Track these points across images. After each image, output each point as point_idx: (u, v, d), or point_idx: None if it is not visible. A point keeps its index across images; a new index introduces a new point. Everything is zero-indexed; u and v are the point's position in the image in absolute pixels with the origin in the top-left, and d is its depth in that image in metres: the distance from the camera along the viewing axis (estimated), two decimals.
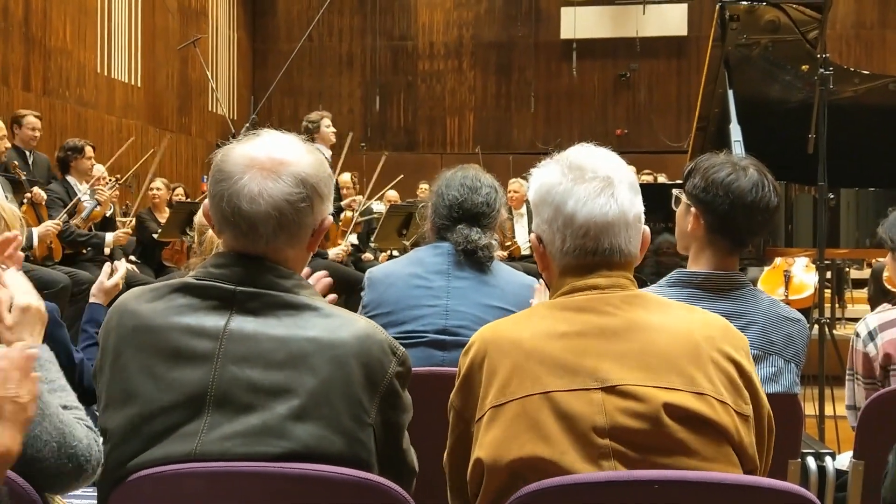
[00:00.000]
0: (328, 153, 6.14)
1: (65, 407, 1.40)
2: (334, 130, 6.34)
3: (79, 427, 1.38)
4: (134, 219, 6.59)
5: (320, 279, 1.86)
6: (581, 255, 1.41)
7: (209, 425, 1.32)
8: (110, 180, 6.18)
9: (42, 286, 4.83)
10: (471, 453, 1.39)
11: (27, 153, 6.13)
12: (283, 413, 1.32)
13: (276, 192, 1.38)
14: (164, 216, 6.85)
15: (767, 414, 1.43)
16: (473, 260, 2.46)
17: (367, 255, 7.28)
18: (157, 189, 7.11)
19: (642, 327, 1.37)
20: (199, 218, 2.58)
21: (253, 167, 1.39)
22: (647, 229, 1.49)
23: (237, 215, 1.38)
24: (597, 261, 1.41)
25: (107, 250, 5.76)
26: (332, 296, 1.79)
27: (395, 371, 1.41)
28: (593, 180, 1.41)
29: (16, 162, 5.70)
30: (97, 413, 1.45)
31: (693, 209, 2.03)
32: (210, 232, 2.40)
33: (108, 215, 6.01)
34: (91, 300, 2.58)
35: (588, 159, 1.45)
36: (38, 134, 6.16)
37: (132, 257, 6.55)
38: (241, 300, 1.38)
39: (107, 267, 2.59)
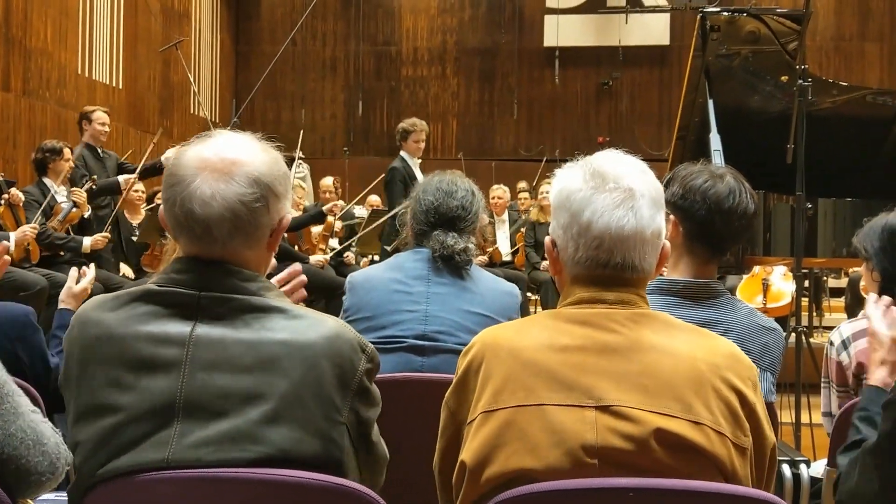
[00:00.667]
0: (415, 163, 6.15)
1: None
2: (421, 146, 6.29)
3: (44, 425, 1.38)
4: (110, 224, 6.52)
5: (292, 274, 1.81)
6: (592, 267, 1.38)
7: (180, 433, 1.30)
8: (87, 182, 6.11)
9: (19, 288, 4.79)
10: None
11: (98, 149, 6.19)
12: (256, 417, 1.30)
13: (230, 193, 1.35)
14: (138, 218, 6.77)
15: (771, 446, 1.39)
16: (451, 265, 2.46)
17: (349, 257, 7.27)
18: (135, 191, 7.01)
19: (645, 348, 1.34)
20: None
21: (205, 169, 1.36)
22: (668, 244, 1.46)
23: (190, 219, 1.35)
24: (607, 274, 1.38)
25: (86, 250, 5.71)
26: (301, 293, 1.76)
27: (365, 368, 1.41)
28: (614, 191, 1.37)
29: (95, 176, 5.84)
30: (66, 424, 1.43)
31: (672, 217, 2.05)
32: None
33: (86, 216, 5.96)
34: (60, 306, 2.56)
35: (613, 168, 1.41)
36: (107, 129, 6.25)
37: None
38: (206, 306, 1.36)
39: (73, 272, 2.56)
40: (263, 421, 1.31)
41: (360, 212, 8.50)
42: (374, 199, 9.44)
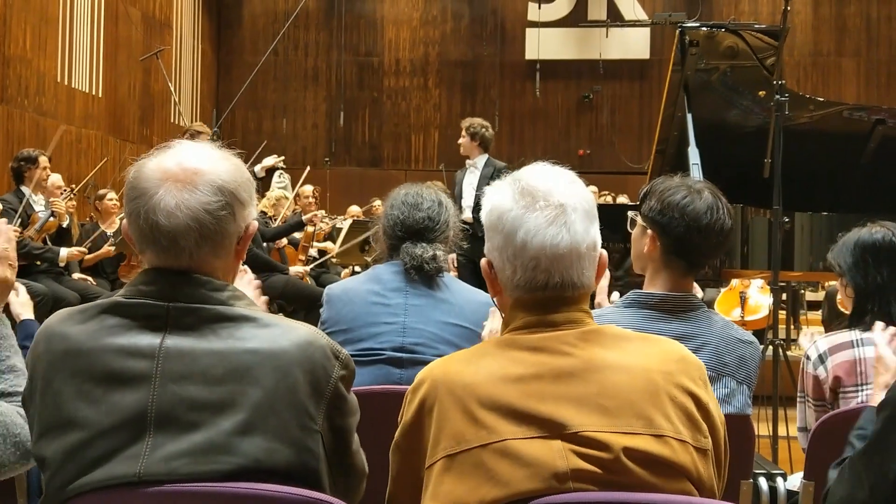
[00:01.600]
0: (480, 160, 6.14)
1: (7, 394, 1.37)
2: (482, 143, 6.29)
3: (16, 414, 1.36)
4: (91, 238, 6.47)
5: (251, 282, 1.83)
6: (532, 289, 1.36)
7: (152, 446, 1.28)
8: (65, 190, 6.07)
9: None
10: (419, 499, 1.33)
11: None
12: (229, 428, 1.29)
13: (194, 202, 1.34)
14: (113, 227, 6.74)
15: (723, 437, 1.42)
16: (423, 275, 2.46)
17: (329, 247, 7.25)
18: (110, 200, 6.97)
19: (600, 367, 1.32)
20: None
21: (167, 180, 1.35)
22: (604, 252, 1.44)
23: (156, 231, 1.34)
24: (548, 296, 1.35)
25: (62, 264, 5.66)
26: (263, 298, 1.77)
27: (339, 375, 1.39)
28: (545, 208, 1.35)
29: None
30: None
31: (649, 231, 2.06)
32: None
33: (64, 226, 5.91)
34: (21, 318, 2.53)
35: (542, 183, 1.38)
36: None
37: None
38: (176, 317, 1.34)
39: (18, 284, 2.56)
40: (236, 432, 1.29)
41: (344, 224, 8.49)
42: (355, 210, 9.43)
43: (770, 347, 4.04)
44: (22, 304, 2.50)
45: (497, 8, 12.84)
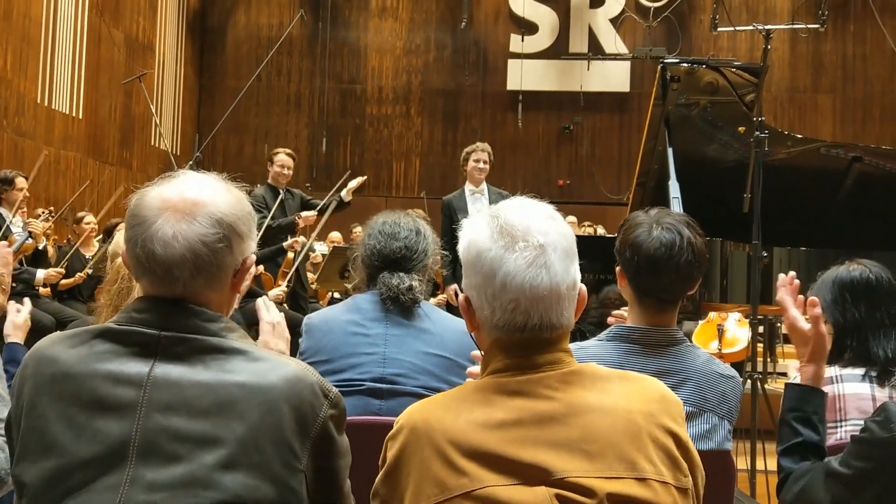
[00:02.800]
0: (472, 191, 6.06)
1: None
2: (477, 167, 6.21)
3: None
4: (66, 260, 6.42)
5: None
6: (511, 330, 1.34)
7: (132, 477, 1.26)
8: (43, 213, 6.01)
9: None
10: None
11: (280, 190, 6.23)
12: (211, 462, 1.27)
13: (192, 233, 1.34)
14: (91, 250, 6.69)
15: (700, 471, 1.41)
16: (399, 305, 2.44)
17: (317, 256, 7.22)
18: (87, 223, 6.94)
19: (582, 410, 1.31)
20: (112, 248, 2.53)
21: (167, 209, 1.35)
22: (584, 288, 1.42)
23: (152, 260, 1.34)
24: (526, 337, 1.34)
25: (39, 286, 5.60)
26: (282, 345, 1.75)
27: (327, 414, 1.37)
28: (525, 249, 1.33)
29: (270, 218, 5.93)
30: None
31: (618, 267, 2.09)
32: (121, 268, 2.36)
33: (40, 248, 5.85)
34: (8, 340, 2.49)
35: (521, 221, 1.35)
36: (286, 172, 6.28)
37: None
38: (166, 345, 1.33)
39: (13, 305, 2.52)
40: (219, 466, 1.27)
41: (321, 248, 8.46)
42: (335, 236, 9.40)
43: (748, 381, 4.05)
44: (16, 325, 2.46)
45: (480, 39, 12.96)
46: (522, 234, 1.34)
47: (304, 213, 6.23)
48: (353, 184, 6.52)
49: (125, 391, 1.30)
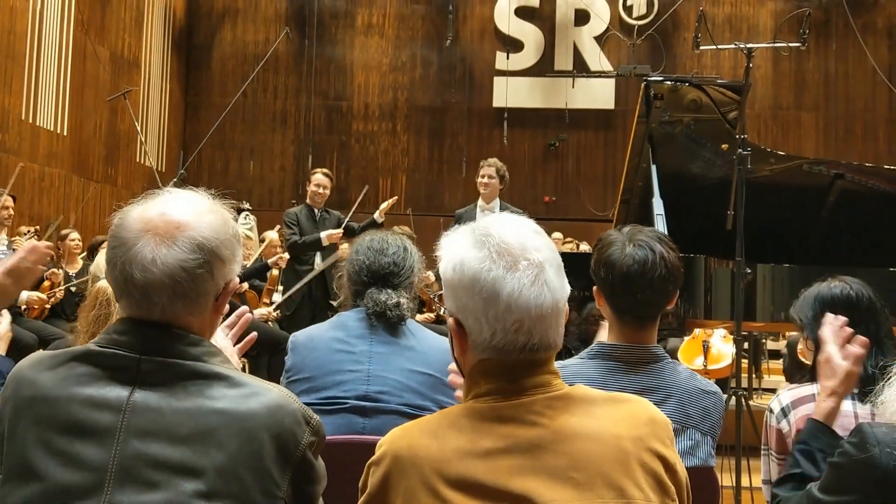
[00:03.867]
0: (483, 207, 6.01)
1: None
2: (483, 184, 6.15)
3: None
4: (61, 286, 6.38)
5: (239, 316, 1.78)
6: (508, 352, 1.31)
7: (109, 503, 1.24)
8: (28, 231, 5.98)
9: None
10: None
11: (315, 210, 6.32)
12: (189, 491, 1.25)
13: (171, 259, 1.31)
14: (76, 267, 6.66)
15: (686, 490, 1.40)
16: (385, 322, 2.44)
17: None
18: (72, 240, 6.91)
19: (569, 436, 1.29)
20: (93, 269, 2.54)
21: (147, 232, 1.32)
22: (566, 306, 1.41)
23: (130, 284, 1.32)
24: (520, 359, 1.31)
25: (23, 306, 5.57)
26: (252, 336, 1.73)
27: (308, 441, 1.35)
28: (528, 268, 1.30)
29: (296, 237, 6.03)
30: None
31: (595, 286, 2.09)
32: (99, 293, 2.35)
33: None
34: None
35: (515, 240, 1.32)
36: (323, 191, 6.38)
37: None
38: (147, 370, 1.31)
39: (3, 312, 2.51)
40: (196, 495, 1.25)
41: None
42: None
43: (733, 398, 4.06)
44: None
45: (466, 56, 13.02)
46: (521, 252, 1.31)
47: (329, 231, 6.26)
48: (385, 205, 6.61)
49: (103, 416, 1.28)
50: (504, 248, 1.31)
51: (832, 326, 1.97)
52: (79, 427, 1.28)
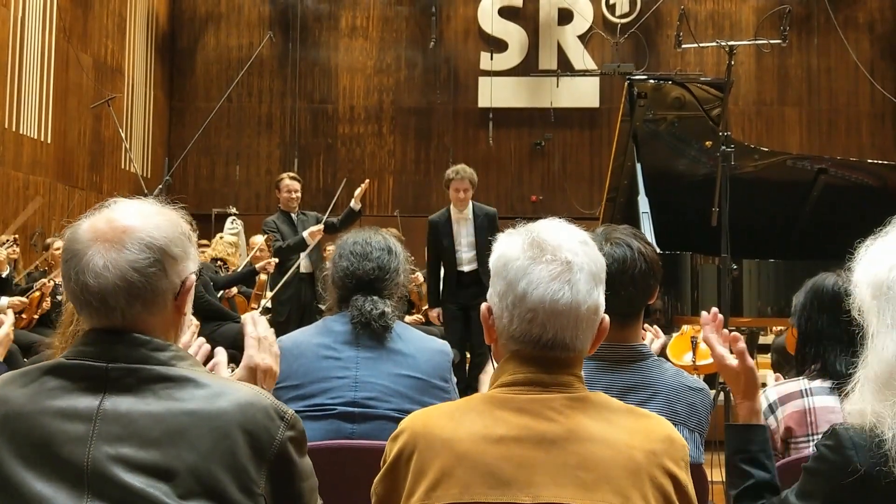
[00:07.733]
0: (457, 214, 6.08)
1: None
2: (460, 196, 6.22)
3: None
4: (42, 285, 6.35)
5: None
6: (526, 343, 1.35)
7: None
8: (7, 240, 5.95)
9: None
10: None
11: (292, 214, 6.37)
12: (164, 492, 1.26)
13: (122, 261, 1.34)
14: (60, 277, 6.64)
15: None
16: (371, 331, 2.43)
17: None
18: (57, 249, 6.88)
19: (583, 438, 1.31)
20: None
21: (97, 240, 1.35)
22: (607, 318, 1.42)
23: (86, 292, 1.34)
24: (540, 353, 1.35)
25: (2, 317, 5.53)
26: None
27: (285, 436, 1.36)
28: (552, 262, 1.35)
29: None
30: None
31: None
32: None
33: (3, 276, 5.77)
34: None
35: (552, 238, 1.38)
36: (294, 195, 6.46)
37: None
38: (115, 378, 1.32)
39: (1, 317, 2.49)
40: (171, 497, 1.26)
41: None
42: None
43: (722, 393, 4.07)
44: None
45: (450, 57, 13.02)
46: (552, 249, 1.37)
47: (311, 229, 6.26)
48: (358, 191, 6.59)
49: (75, 426, 1.29)
50: (538, 241, 1.38)
51: (710, 325, 1.83)
52: (52, 439, 1.29)
